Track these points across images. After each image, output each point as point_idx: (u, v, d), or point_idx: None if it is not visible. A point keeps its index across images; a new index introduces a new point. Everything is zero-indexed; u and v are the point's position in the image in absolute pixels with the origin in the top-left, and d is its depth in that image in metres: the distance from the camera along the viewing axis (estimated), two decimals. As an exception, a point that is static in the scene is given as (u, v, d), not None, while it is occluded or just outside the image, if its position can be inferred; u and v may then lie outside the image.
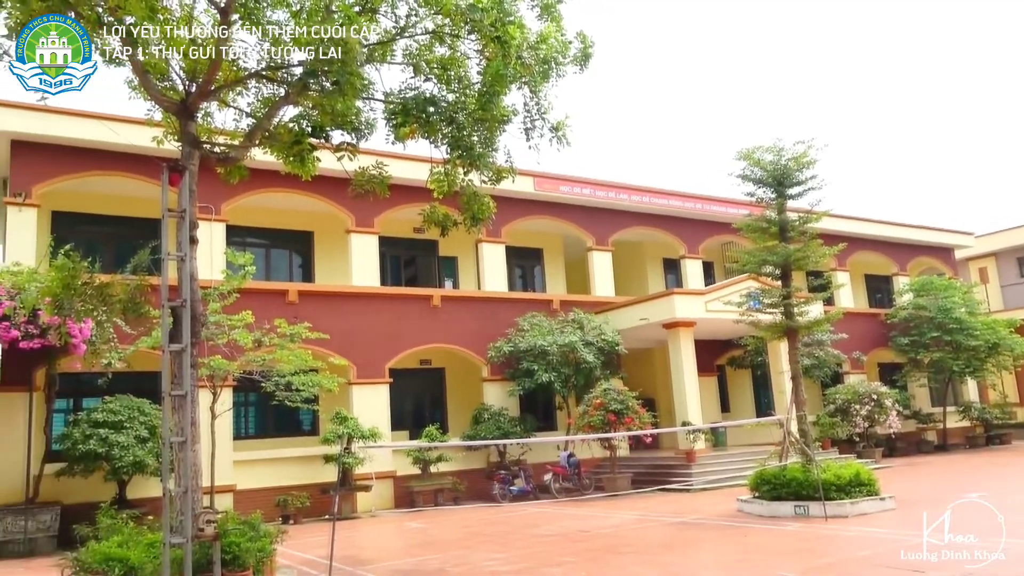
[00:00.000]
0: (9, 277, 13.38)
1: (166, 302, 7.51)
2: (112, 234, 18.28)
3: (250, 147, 9.69)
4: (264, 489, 16.76)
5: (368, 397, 18.55)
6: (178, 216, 7.98)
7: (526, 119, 9.72)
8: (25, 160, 16.01)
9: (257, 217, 19.11)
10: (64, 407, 16.79)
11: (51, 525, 14.13)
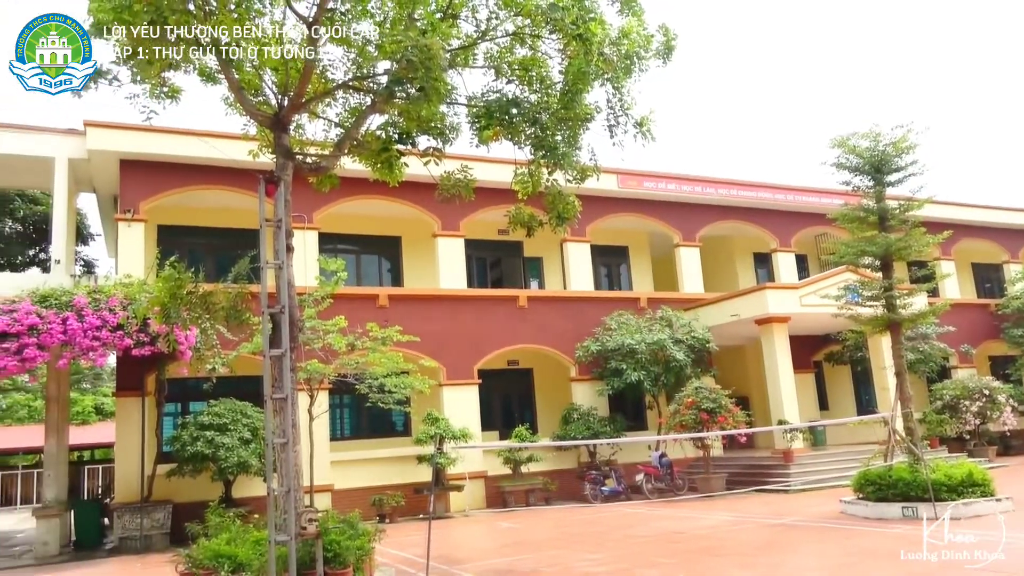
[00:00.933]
0: (121, 288, 14.19)
1: (266, 309, 7.80)
2: (213, 245, 19.14)
3: (340, 156, 9.96)
4: (360, 489, 17.19)
5: (458, 398, 18.78)
6: (275, 225, 8.27)
7: (609, 116, 9.63)
8: (133, 178, 16.94)
9: (347, 224, 19.62)
10: (173, 411, 17.71)
11: (164, 522, 14.91)
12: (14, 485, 33.40)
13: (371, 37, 10.04)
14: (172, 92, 9.71)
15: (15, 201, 21.70)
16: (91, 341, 13.37)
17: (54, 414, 16.01)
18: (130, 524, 14.74)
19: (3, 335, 12.80)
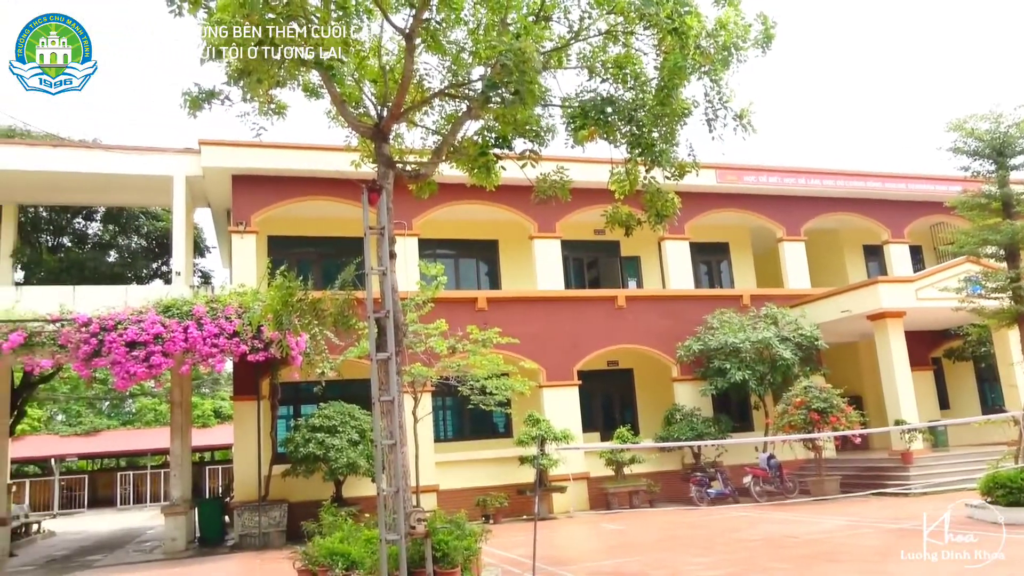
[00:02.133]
0: (236, 297, 14.92)
1: (372, 314, 8.03)
2: (319, 253, 19.88)
3: (438, 163, 10.16)
4: (464, 489, 17.44)
5: (558, 399, 18.79)
6: (378, 233, 8.51)
7: (707, 110, 9.44)
8: (244, 192, 17.81)
9: (445, 229, 19.97)
10: (285, 414, 18.47)
11: (280, 520, 15.57)
12: (144, 484, 35.62)
13: (465, 44, 10.24)
14: (279, 108, 10.15)
15: (140, 218, 23.17)
16: (210, 348, 14.12)
17: (178, 417, 16.98)
18: (249, 522, 15.46)
19: (132, 343, 13.69)
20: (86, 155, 17.50)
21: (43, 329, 13.83)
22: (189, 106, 9.71)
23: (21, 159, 16.88)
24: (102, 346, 13.63)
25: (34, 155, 17.10)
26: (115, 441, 36.87)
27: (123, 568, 14.42)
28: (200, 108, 9.83)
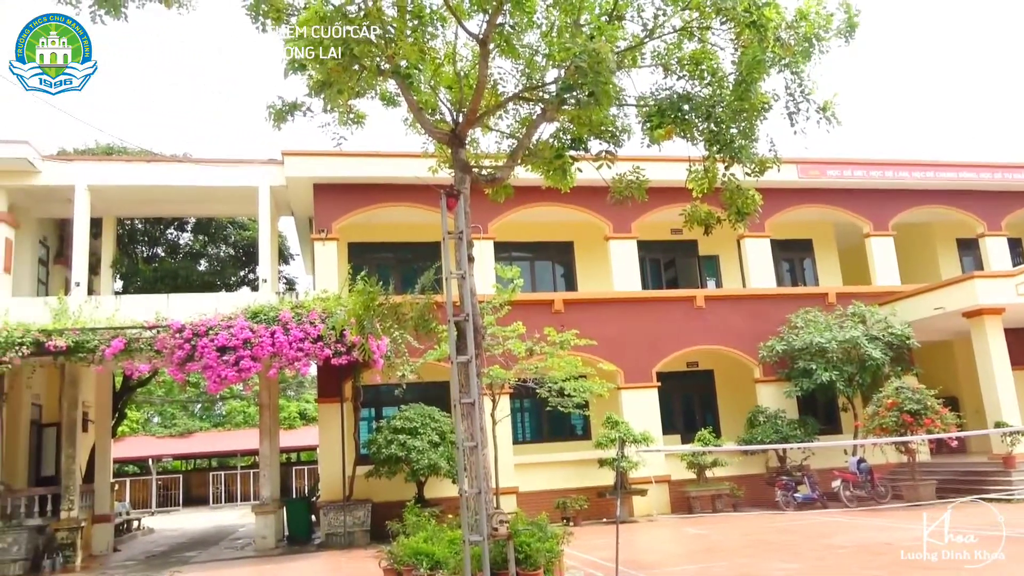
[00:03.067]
0: (320, 303, 15.36)
1: (452, 317, 8.13)
2: (398, 258, 20.27)
3: (514, 166, 10.21)
4: (544, 492, 17.45)
5: (637, 401, 18.60)
6: (456, 237, 8.62)
7: (788, 103, 9.20)
8: (326, 200, 18.31)
9: (520, 232, 20.04)
10: (367, 415, 18.88)
11: (364, 520, 15.92)
12: (234, 483, 36.99)
13: (538, 47, 10.27)
14: (358, 118, 10.40)
15: (227, 228, 24.12)
16: (296, 352, 14.57)
17: (266, 419, 17.58)
18: (335, 521, 15.87)
19: (223, 348, 14.25)
20: (178, 169, 18.33)
21: (141, 335, 14.55)
22: (274, 119, 10.05)
23: (119, 175, 17.80)
24: (195, 351, 14.24)
25: (130, 170, 18.01)
26: (207, 442, 38.45)
27: (218, 564, 15.01)
28: (284, 120, 10.16)
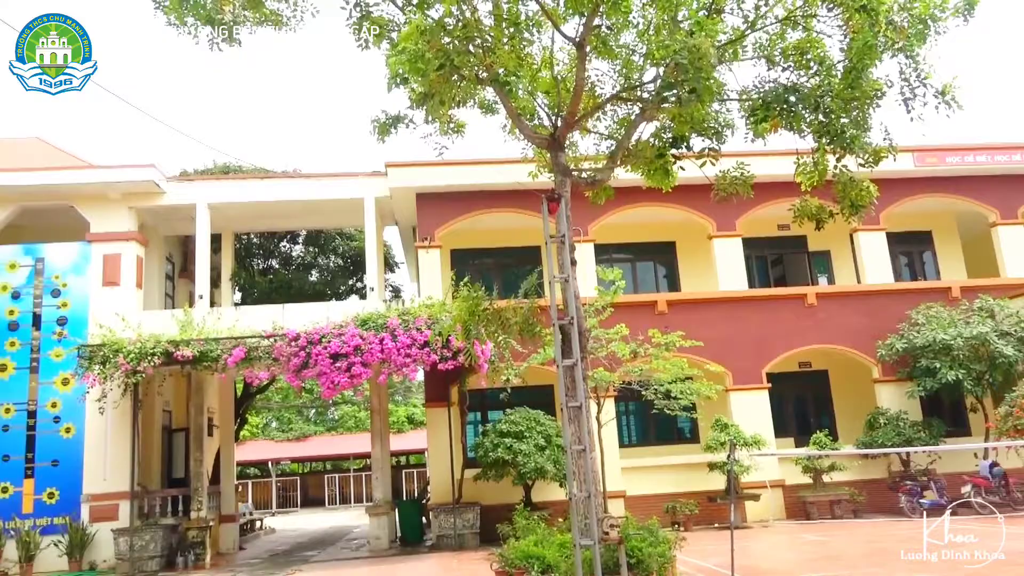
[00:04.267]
0: (425, 309, 15.71)
1: (556, 321, 8.15)
2: (499, 264, 20.49)
3: (614, 168, 10.16)
4: (652, 495, 17.19)
5: (747, 403, 18.07)
6: (558, 241, 8.64)
7: (904, 89, 8.75)
8: (428, 209, 18.72)
9: (620, 233, 19.86)
10: (473, 419, 19.15)
11: (474, 522, 16.13)
12: (348, 485, 38.31)
13: (635, 47, 10.18)
14: (458, 127, 10.62)
15: (336, 239, 25.07)
16: (404, 358, 14.97)
17: (377, 423, 18.11)
18: (445, 523, 16.16)
19: (335, 355, 14.80)
20: (289, 184, 19.18)
21: (260, 344, 15.30)
22: (378, 132, 10.40)
23: (236, 192, 18.79)
24: (310, 358, 14.85)
25: (246, 188, 18.98)
26: (322, 446, 40.01)
27: (336, 564, 15.57)
28: (388, 133, 10.49)
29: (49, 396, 16.78)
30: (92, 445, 16.58)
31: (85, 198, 17.69)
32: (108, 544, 15.64)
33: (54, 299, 17.30)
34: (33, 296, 17.27)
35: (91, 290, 17.39)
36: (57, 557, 15.72)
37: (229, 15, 9.28)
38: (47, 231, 18.16)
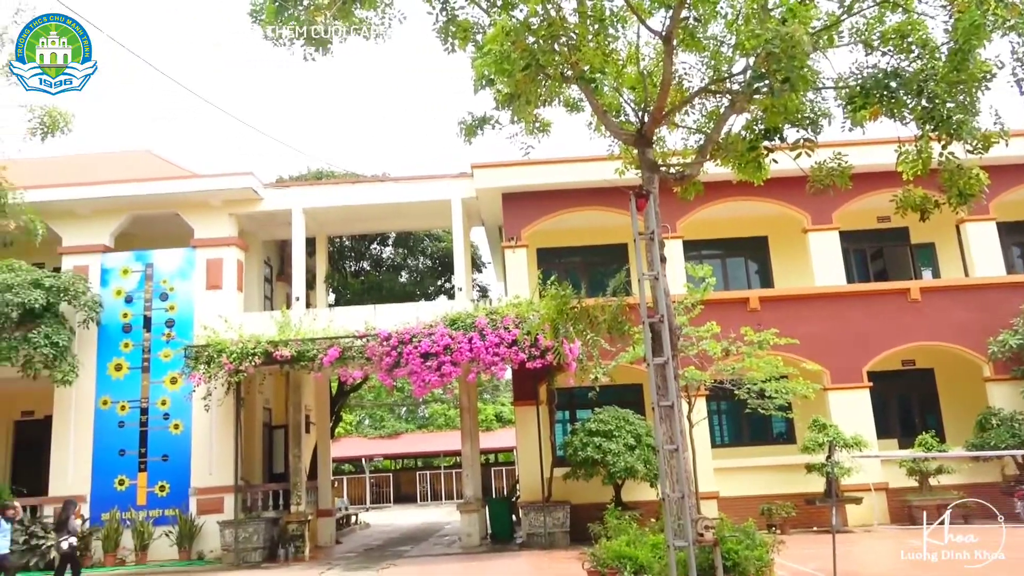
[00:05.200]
0: (512, 309, 15.81)
1: (646, 319, 8.06)
2: (586, 262, 20.41)
3: (703, 162, 9.95)
4: (746, 497, 16.76)
5: (846, 402, 17.39)
6: (647, 238, 8.53)
7: (1016, 69, 8.22)
8: (514, 209, 18.82)
9: (709, 229, 19.45)
10: (562, 418, 19.13)
11: (564, 521, 16.12)
12: (439, 482, 38.94)
13: (724, 38, 9.94)
14: (543, 126, 10.61)
15: (424, 241, 25.54)
16: (492, 357, 15.11)
17: (467, 422, 18.33)
18: (535, 521, 16.21)
19: (426, 355, 15.08)
20: (378, 188, 19.65)
21: (353, 344, 15.74)
22: (465, 134, 10.51)
23: (329, 197, 19.39)
24: (401, 358, 15.19)
25: (338, 193, 19.57)
26: (413, 443, 40.81)
27: (429, 559, 15.86)
28: (474, 135, 10.59)
29: (159, 394, 17.75)
30: (198, 441, 17.44)
31: (189, 206, 18.62)
32: (214, 535, 16.42)
33: (163, 302, 18.29)
34: (144, 300, 18.31)
35: (196, 293, 18.29)
36: (168, 547, 16.61)
37: (321, 26, 9.57)
38: (155, 238, 19.22)
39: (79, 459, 17.42)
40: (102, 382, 17.84)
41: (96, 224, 18.65)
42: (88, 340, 17.89)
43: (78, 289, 17.22)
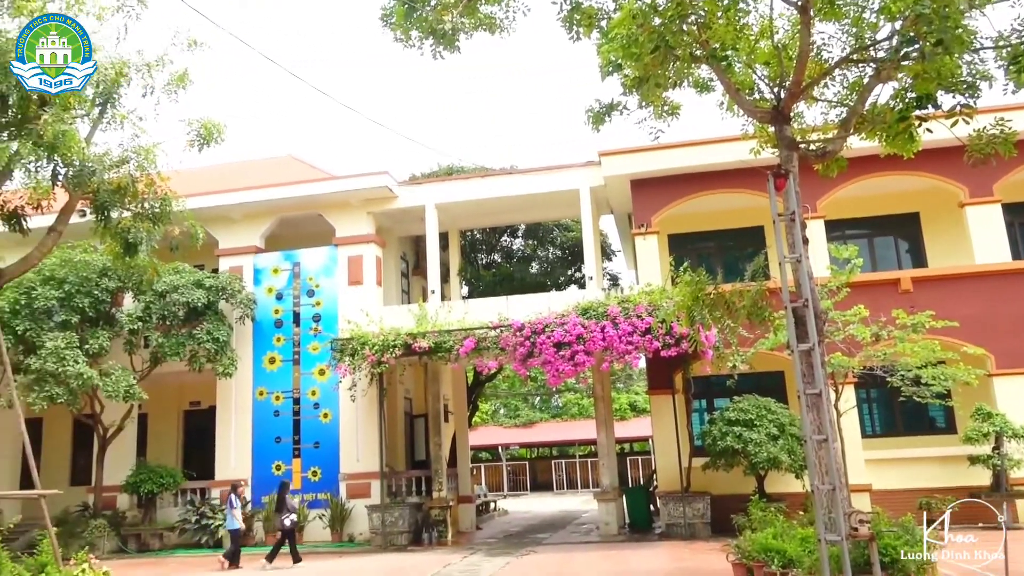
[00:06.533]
0: (645, 296, 15.61)
1: (788, 304, 7.73)
2: (720, 247, 19.80)
3: (846, 137, 9.42)
4: (901, 491, 15.78)
5: (1015, 389, 15.95)
6: (787, 219, 8.18)
7: None
8: (643, 195, 18.53)
9: (854, 207, 18.37)
10: (699, 407, 18.71)
11: (704, 512, 15.78)
12: (574, 471, 39.12)
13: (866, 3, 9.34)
14: (672, 109, 10.37)
15: (553, 231, 25.64)
16: (626, 345, 14.99)
17: (601, 411, 18.28)
18: (674, 512, 15.97)
19: (559, 344, 15.15)
20: (507, 181, 19.88)
21: (487, 335, 16.05)
22: (592, 121, 10.46)
23: (459, 192, 19.84)
24: (534, 347, 15.34)
25: (468, 187, 19.97)
26: (548, 432, 41.20)
27: (568, 547, 15.97)
28: (602, 122, 10.51)
29: (309, 385, 18.83)
30: (346, 429, 18.37)
31: (330, 206, 19.59)
32: (363, 519, 17.26)
33: (309, 299, 19.36)
34: (292, 296, 19.46)
35: (339, 289, 19.23)
36: (321, 529, 17.63)
37: (449, 24, 9.78)
38: (301, 238, 20.36)
39: (240, 446, 18.79)
40: (258, 374, 19.13)
41: (248, 227, 19.98)
42: (244, 335, 19.23)
43: (234, 288, 18.57)
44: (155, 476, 18.15)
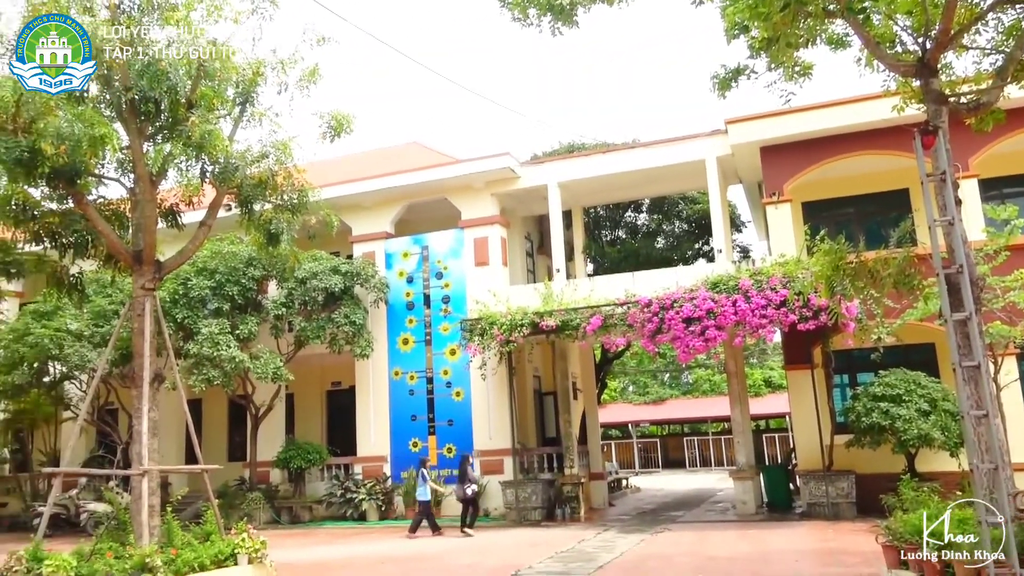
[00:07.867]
0: (778, 268, 15.00)
1: (941, 270, 7.20)
2: (859, 213, 18.66)
3: (1003, 86, 8.64)
4: (1075, 471, 14.45)
5: None
6: (937, 179, 7.59)
7: None
8: (774, 162, 17.72)
9: (1013, 163, 16.81)
10: (840, 382, 17.80)
11: (848, 492, 15.08)
12: (707, 448, 38.37)
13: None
14: (804, 69, 9.85)
15: (679, 204, 25.08)
16: (759, 319, 14.47)
17: (735, 387, 17.78)
18: (816, 491, 15.35)
19: (688, 320, 14.83)
20: (630, 155, 19.55)
21: (614, 312, 15.93)
22: (718, 87, 10.13)
23: (581, 169, 19.71)
24: (663, 324, 15.09)
25: (590, 164, 19.80)
26: (678, 409, 40.56)
27: (704, 525, 15.71)
28: (728, 88, 10.16)
29: (441, 365, 19.38)
30: (477, 407, 18.80)
31: (455, 190, 19.97)
32: (497, 494, 17.65)
33: (438, 280, 19.88)
34: (423, 279, 20.05)
35: (466, 270, 19.63)
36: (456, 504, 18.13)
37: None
38: (428, 222, 20.90)
39: (378, 423, 19.63)
40: (393, 355, 19.88)
41: (378, 214, 20.71)
42: (379, 318, 20.01)
43: (368, 273, 19.35)
44: (303, 452, 19.31)
